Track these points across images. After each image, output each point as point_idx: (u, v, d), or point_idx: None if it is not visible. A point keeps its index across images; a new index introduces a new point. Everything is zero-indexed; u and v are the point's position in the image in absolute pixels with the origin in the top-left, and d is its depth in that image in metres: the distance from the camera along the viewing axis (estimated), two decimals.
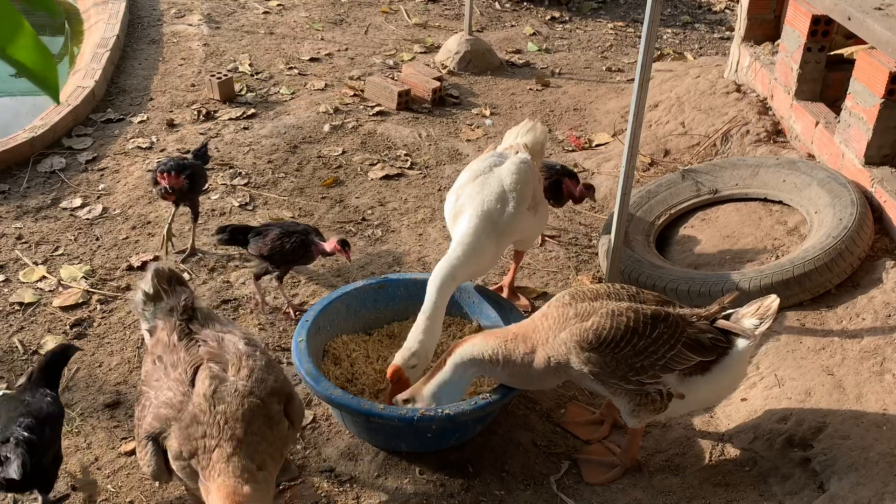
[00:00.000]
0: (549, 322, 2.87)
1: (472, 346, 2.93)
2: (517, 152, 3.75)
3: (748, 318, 2.85)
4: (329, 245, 3.79)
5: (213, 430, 2.31)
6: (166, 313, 2.69)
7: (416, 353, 3.16)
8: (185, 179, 4.09)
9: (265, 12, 7.65)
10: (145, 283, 2.75)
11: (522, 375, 2.93)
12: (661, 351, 2.76)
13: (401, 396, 2.98)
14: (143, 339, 3.09)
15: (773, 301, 2.84)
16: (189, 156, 4.39)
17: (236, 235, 3.86)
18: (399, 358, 3.16)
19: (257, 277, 3.86)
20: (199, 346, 2.55)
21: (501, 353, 2.90)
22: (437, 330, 3.26)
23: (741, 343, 2.83)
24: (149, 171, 4.41)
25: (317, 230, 3.91)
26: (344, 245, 3.75)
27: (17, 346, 3.66)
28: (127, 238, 4.43)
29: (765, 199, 4.38)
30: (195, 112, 5.71)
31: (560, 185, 4.29)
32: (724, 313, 2.90)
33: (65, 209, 4.65)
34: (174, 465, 2.36)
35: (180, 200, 4.21)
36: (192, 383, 2.43)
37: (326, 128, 5.61)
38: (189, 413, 2.35)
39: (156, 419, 2.40)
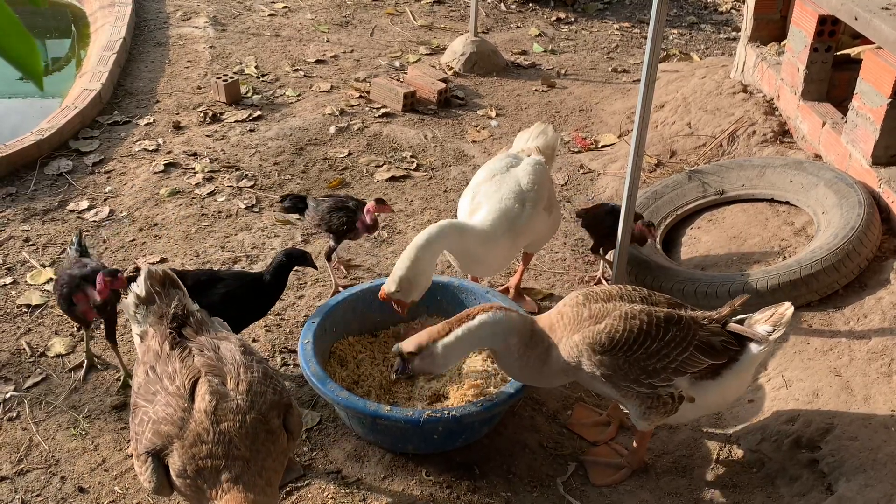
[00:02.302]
0: (565, 321, 2.85)
1: (509, 316, 2.81)
2: (529, 155, 3.78)
3: (761, 324, 2.83)
4: (368, 216, 3.93)
5: (219, 449, 2.26)
6: (157, 319, 2.61)
7: (397, 281, 3.21)
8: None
9: (271, 14, 7.67)
10: (137, 286, 2.68)
11: (532, 369, 2.88)
12: (673, 354, 2.75)
13: (406, 347, 2.81)
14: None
15: (787, 308, 2.82)
16: (72, 251, 3.53)
17: (296, 204, 4.12)
18: (387, 286, 3.25)
19: (327, 257, 4.11)
20: (195, 356, 2.47)
21: (526, 340, 2.83)
22: (426, 263, 3.25)
23: (753, 348, 2.82)
24: (64, 286, 3.29)
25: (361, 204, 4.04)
26: (380, 203, 3.92)
27: (24, 348, 3.67)
28: (134, 240, 4.44)
29: (771, 200, 4.37)
30: (201, 114, 5.72)
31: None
32: (735, 317, 2.89)
33: (72, 211, 4.67)
34: (177, 481, 2.32)
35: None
36: (191, 397, 2.37)
37: (332, 129, 5.61)
38: (192, 432, 2.30)
39: (155, 436, 2.33)
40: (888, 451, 2.90)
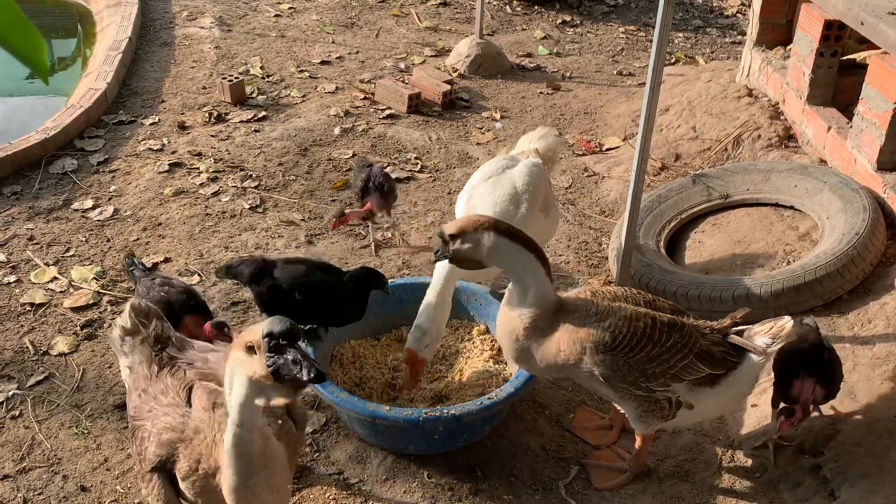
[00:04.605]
0: (575, 314, 2.82)
1: (542, 267, 2.73)
2: (528, 157, 3.78)
3: (760, 336, 2.82)
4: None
5: (217, 427, 2.29)
6: (142, 347, 2.66)
7: (427, 333, 3.18)
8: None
9: (276, 15, 7.68)
10: (123, 319, 2.73)
11: (526, 348, 2.82)
12: (673, 360, 2.74)
13: (448, 229, 2.72)
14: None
15: (786, 322, 2.81)
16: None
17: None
18: (412, 341, 3.19)
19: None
20: (185, 370, 2.52)
21: (550, 302, 2.75)
22: (448, 307, 3.27)
23: (752, 359, 2.82)
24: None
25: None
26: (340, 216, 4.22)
27: (27, 347, 3.67)
28: (138, 239, 4.45)
29: (776, 205, 4.36)
30: (206, 114, 5.73)
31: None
32: (736, 328, 2.88)
33: (76, 210, 4.67)
34: (185, 485, 2.33)
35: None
36: (189, 403, 2.40)
37: (337, 131, 5.62)
38: (191, 428, 2.34)
39: (160, 447, 2.36)
40: (892, 457, 2.89)
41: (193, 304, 3.21)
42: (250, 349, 2.02)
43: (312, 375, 1.98)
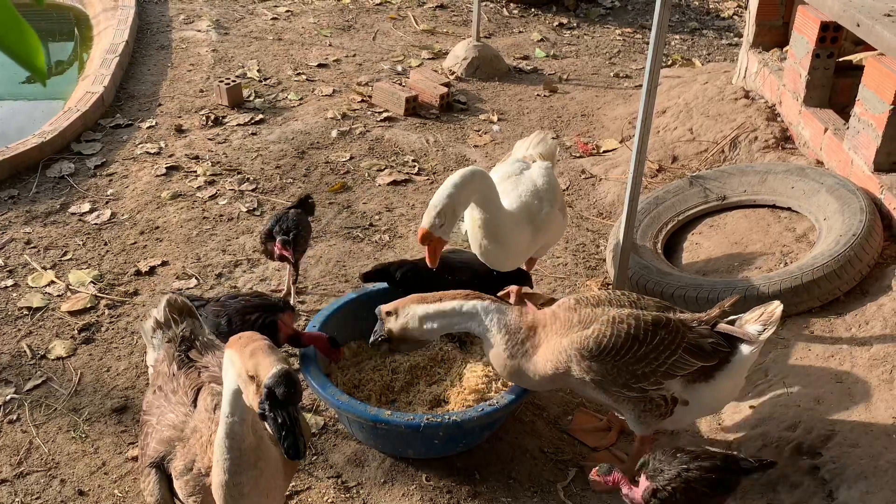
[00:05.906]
0: (557, 325, 2.85)
1: (488, 305, 2.88)
2: (534, 161, 3.84)
3: (752, 323, 2.83)
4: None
5: (214, 427, 2.30)
6: (168, 343, 2.69)
7: (441, 212, 3.10)
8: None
9: (273, 18, 7.68)
10: (157, 312, 2.77)
11: (516, 366, 2.86)
12: (662, 357, 2.75)
13: (385, 308, 2.96)
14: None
15: (776, 307, 2.82)
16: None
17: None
18: (426, 220, 3.11)
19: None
20: (201, 372, 2.54)
21: (510, 333, 2.84)
22: (466, 199, 3.21)
23: (745, 349, 2.82)
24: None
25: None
26: (285, 245, 3.78)
27: (25, 351, 3.67)
28: (135, 243, 4.45)
29: (773, 206, 4.37)
30: (203, 118, 5.73)
31: None
32: (726, 318, 2.88)
33: (73, 214, 4.67)
34: (179, 484, 2.34)
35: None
36: (194, 404, 2.42)
37: (334, 133, 5.62)
38: (190, 427, 2.34)
39: (159, 443, 2.38)
40: (889, 458, 2.90)
41: (281, 304, 3.29)
42: (252, 377, 2.03)
43: (290, 451, 1.99)
